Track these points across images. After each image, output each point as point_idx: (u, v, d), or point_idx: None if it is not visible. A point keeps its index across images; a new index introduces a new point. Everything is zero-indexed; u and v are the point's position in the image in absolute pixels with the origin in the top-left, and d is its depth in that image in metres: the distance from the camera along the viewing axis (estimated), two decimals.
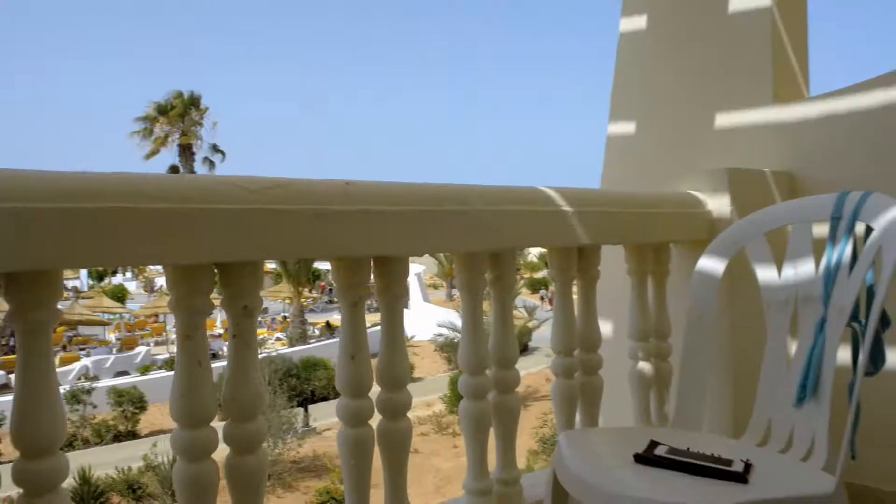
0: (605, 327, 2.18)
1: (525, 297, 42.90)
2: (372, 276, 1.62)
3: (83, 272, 66.01)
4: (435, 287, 60.81)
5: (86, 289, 61.68)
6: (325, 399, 20.64)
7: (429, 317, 32.35)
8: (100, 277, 67.87)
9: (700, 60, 2.62)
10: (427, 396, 19.95)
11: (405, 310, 1.74)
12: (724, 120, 2.51)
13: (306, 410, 18.67)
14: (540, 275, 58.97)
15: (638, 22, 2.78)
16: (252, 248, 1.36)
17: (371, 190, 1.53)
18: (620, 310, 2.24)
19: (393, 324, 1.63)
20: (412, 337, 30.58)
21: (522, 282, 54.08)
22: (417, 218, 1.57)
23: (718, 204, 2.23)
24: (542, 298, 44.11)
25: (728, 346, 2.18)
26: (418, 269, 40.37)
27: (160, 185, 1.28)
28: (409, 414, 1.63)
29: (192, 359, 1.35)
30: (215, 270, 1.39)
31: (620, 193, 2.18)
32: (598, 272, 2.05)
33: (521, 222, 1.78)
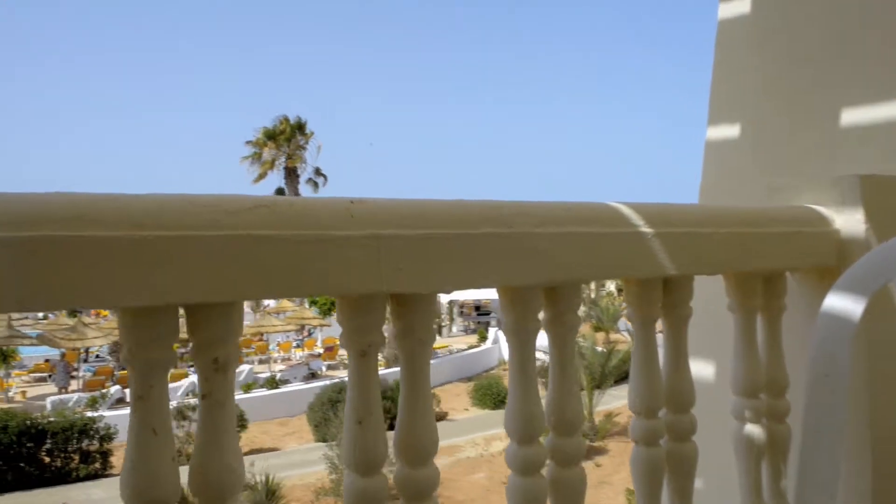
0: (700, 380, 1.75)
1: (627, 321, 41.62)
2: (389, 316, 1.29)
3: None
4: None
5: None
6: None
7: None
8: None
9: (820, 44, 2.14)
10: None
11: (502, 332, 1.61)
12: (853, 115, 2.02)
13: None
14: None
15: (741, 5, 2.34)
16: (226, 286, 1.05)
17: (383, 209, 1.20)
18: (720, 357, 1.80)
19: (524, 361, 1.43)
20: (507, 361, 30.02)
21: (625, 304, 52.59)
22: (444, 245, 1.23)
23: (848, 221, 1.76)
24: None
25: (866, 407, 1.70)
26: None
27: (106, 206, 0.99)
28: (500, 443, 1.31)
29: (146, 425, 1.05)
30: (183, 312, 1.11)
31: (719, 209, 1.75)
32: (689, 309, 1.63)
33: (586, 248, 1.40)
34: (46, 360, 28.11)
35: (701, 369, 1.84)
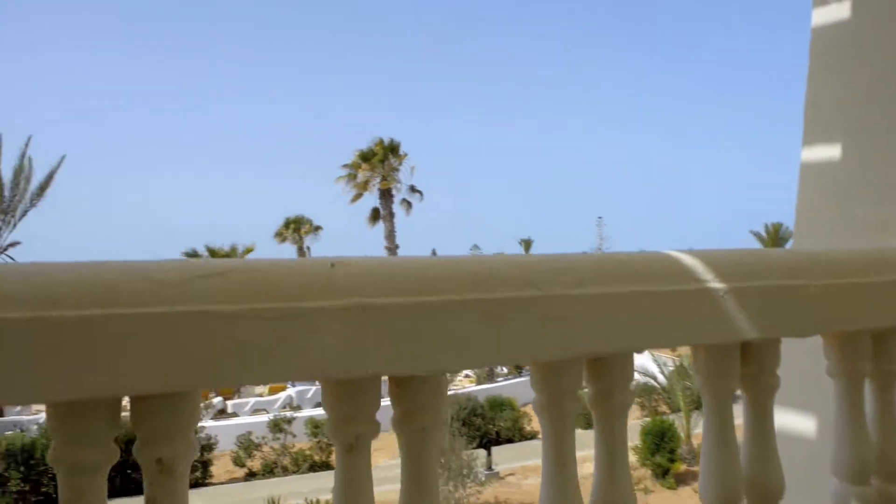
0: (791, 462, 1.43)
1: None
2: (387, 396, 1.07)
3: None
4: None
5: None
6: (510, 441, 20.06)
7: None
8: None
9: None
10: None
11: None
12: None
13: (489, 453, 18.14)
14: None
15: (839, 10, 1.98)
16: (170, 375, 0.86)
17: (370, 272, 0.98)
18: (816, 433, 1.48)
19: (560, 446, 1.14)
20: None
21: None
22: (448, 314, 0.99)
23: None
24: None
25: None
26: None
27: (9, 280, 0.82)
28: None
29: None
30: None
31: (813, 256, 1.43)
32: (776, 379, 1.33)
33: (638, 311, 1.13)
34: None
35: (790, 448, 1.51)
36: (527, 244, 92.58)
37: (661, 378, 21.88)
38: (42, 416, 20.25)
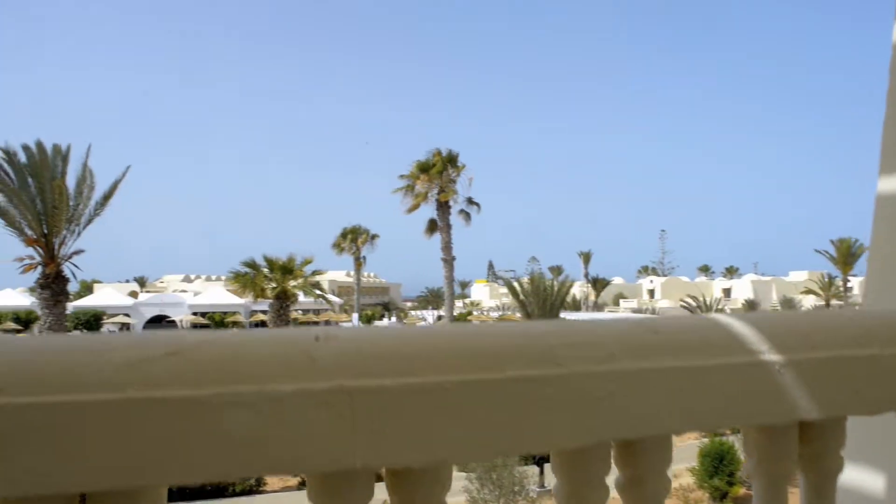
0: None
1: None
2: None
3: (355, 316, 72.24)
4: None
5: None
6: None
7: None
8: (369, 320, 73.72)
9: None
10: (672, 466, 18.04)
11: None
12: None
13: (542, 470, 17.79)
14: None
15: None
16: (126, 470, 0.76)
17: (358, 348, 0.85)
18: None
19: None
20: None
21: None
22: (446, 398, 0.86)
23: None
24: None
25: None
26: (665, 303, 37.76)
27: None
28: None
29: None
30: None
31: (886, 318, 1.24)
32: (838, 461, 1.15)
33: (678, 389, 0.98)
34: None
35: None
36: (586, 256, 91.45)
37: None
38: None
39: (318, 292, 35.13)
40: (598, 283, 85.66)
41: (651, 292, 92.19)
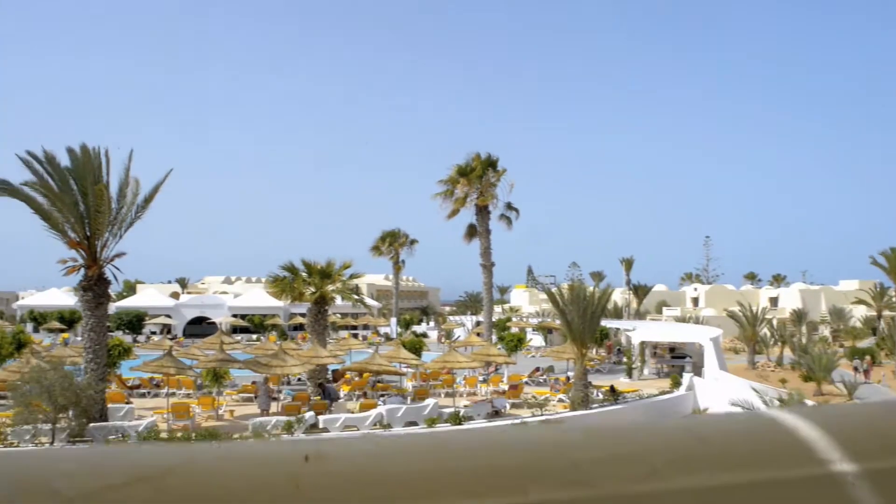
0: None
1: (843, 370, 37.13)
2: None
3: (393, 321, 72.41)
4: (735, 352, 55.55)
5: (394, 335, 67.37)
6: None
7: (725, 388, 29.22)
8: (407, 325, 73.81)
9: None
10: None
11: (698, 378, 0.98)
12: None
13: None
14: (864, 343, 50.79)
15: None
16: None
17: (357, 468, 0.73)
18: None
19: None
20: (705, 409, 27.77)
21: (841, 350, 47.04)
22: None
23: None
24: (855, 370, 37.90)
25: None
26: (715, 332, 36.97)
27: None
28: None
29: None
30: None
31: None
32: None
33: None
34: (253, 382, 30.36)
35: None
36: (627, 263, 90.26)
37: None
38: (142, 424, 21.17)
39: (356, 297, 35.20)
40: (640, 290, 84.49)
41: (695, 300, 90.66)
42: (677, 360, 40.25)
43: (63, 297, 71.41)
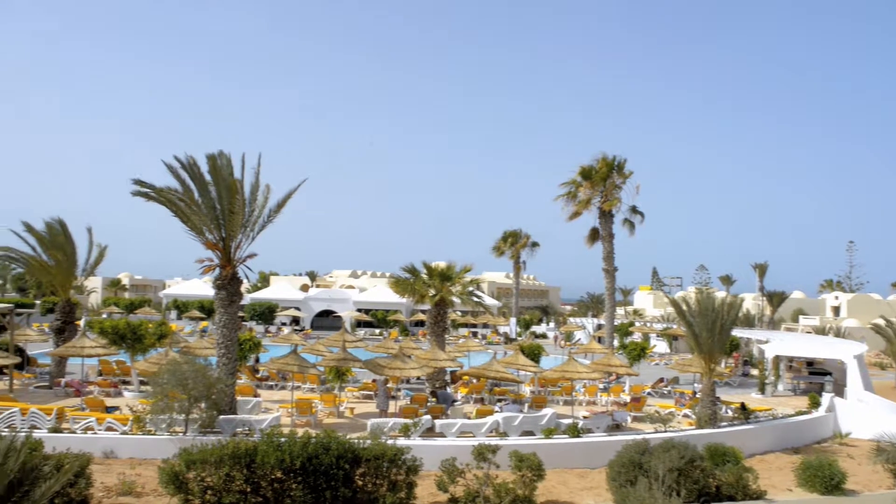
0: None
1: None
2: None
3: (512, 321, 71.99)
4: (882, 367, 51.23)
5: (513, 335, 66.93)
6: (731, 499, 18.18)
7: (871, 412, 26.82)
8: (527, 325, 73.13)
9: None
10: None
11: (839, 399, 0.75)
12: None
13: None
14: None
15: None
16: None
17: None
18: None
19: None
20: (847, 434, 25.58)
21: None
22: None
23: None
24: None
25: None
26: (860, 349, 34.07)
27: None
28: None
29: None
30: None
31: None
32: None
33: None
34: (373, 380, 31.00)
35: None
36: (761, 268, 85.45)
37: None
38: (267, 420, 21.99)
39: (475, 299, 35.16)
40: (775, 298, 79.59)
41: (835, 309, 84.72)
42: (816, 375, 37.46)
43: (204, 287, 76.11)
